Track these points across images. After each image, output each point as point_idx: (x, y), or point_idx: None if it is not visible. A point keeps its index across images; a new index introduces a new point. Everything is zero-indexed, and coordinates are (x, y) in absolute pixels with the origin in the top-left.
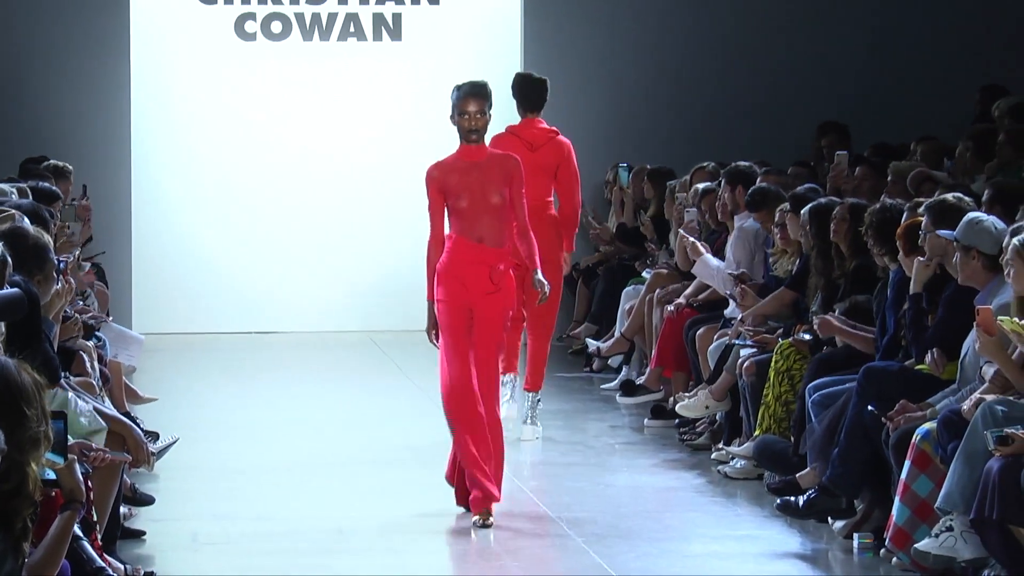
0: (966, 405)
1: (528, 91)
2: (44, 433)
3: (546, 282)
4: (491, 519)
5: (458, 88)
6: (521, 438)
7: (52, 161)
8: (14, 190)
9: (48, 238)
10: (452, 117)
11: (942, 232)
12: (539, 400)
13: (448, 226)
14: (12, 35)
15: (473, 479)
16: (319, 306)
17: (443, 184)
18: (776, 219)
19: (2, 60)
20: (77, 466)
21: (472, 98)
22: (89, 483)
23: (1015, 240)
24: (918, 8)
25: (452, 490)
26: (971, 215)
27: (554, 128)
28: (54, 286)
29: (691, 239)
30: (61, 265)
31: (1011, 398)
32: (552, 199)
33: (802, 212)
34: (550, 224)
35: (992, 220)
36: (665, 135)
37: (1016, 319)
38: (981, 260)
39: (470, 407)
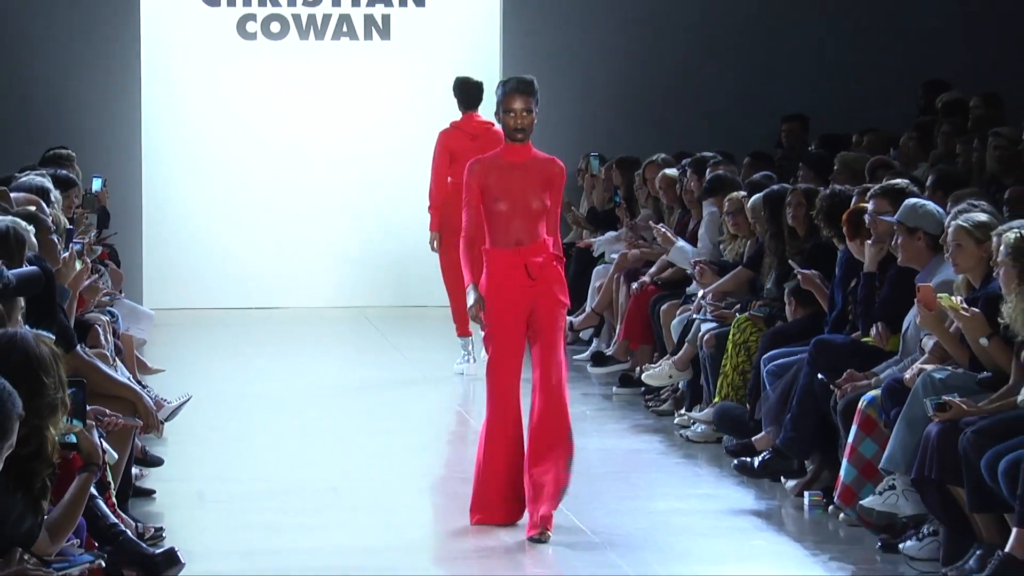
0: (908, 374)
1: (468, 91)
2: (61, 400)
3: None
4: (546, 534)
5: (503, 84)
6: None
7: (56, 149)
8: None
9: (47, 215)
10: (497, 114)
11: (888, 218)
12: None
13: (486, 237)
14: (32, 35)
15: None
16: (315, 284)
17: (483, 181)
18: (727, 208)
19: (23, 58)
20: (95, 431)
21: (518, 95)
22: (104, 446)
23: (1008, 236)
24: (866, 9)
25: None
26: (912, 200)
27: (490, 121)
28: (60, 255)
29: (663, 229)
30: (77, 247)
31: (949, 368)
32: None
33: (755, 198)
34: None
35: (932, 204)
36: (633, 126)
37: (953, 296)
38: (924, 241)
39: (504, 458)
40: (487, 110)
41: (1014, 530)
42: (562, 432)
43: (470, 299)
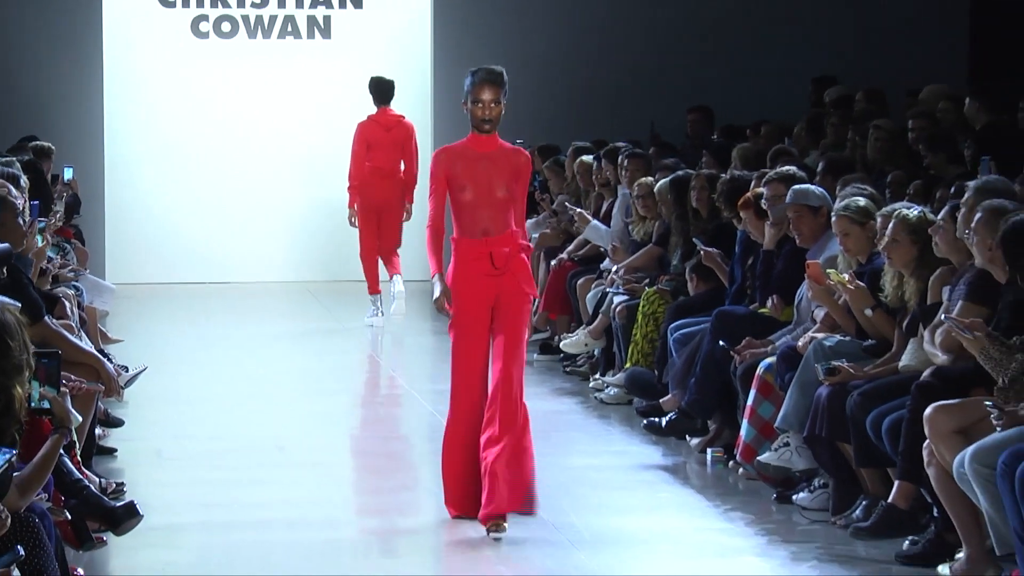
0: (800, 342)
1: (381, 89)
2: (26, 361)
3: None
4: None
5: (472, 74)
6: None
7: (38, 142)
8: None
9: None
10: (464, 104)
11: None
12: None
13: (453, 227)
14: (3, 37)
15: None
16: (263, 260)
17: (449, 171)
18: (637, 191)
19: None
20: (69, 398)
21: (487, 86)
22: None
23: (909, 215)
24: (763, 12)
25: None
26: (802, 186)
27: (401, 115)
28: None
29: (579, 210)
30: (42, 225)
31: (837, 336)
32: (400, 165)
33: (661, 182)
34: (398, 183)
35: (819, 188)
36: (552, 117)
37: (839, 272)
38: (809, 222)
39: (466, 449)
40: (398, 105)
41: (896, 483)
42: (516, 424)
43: (436, 290)
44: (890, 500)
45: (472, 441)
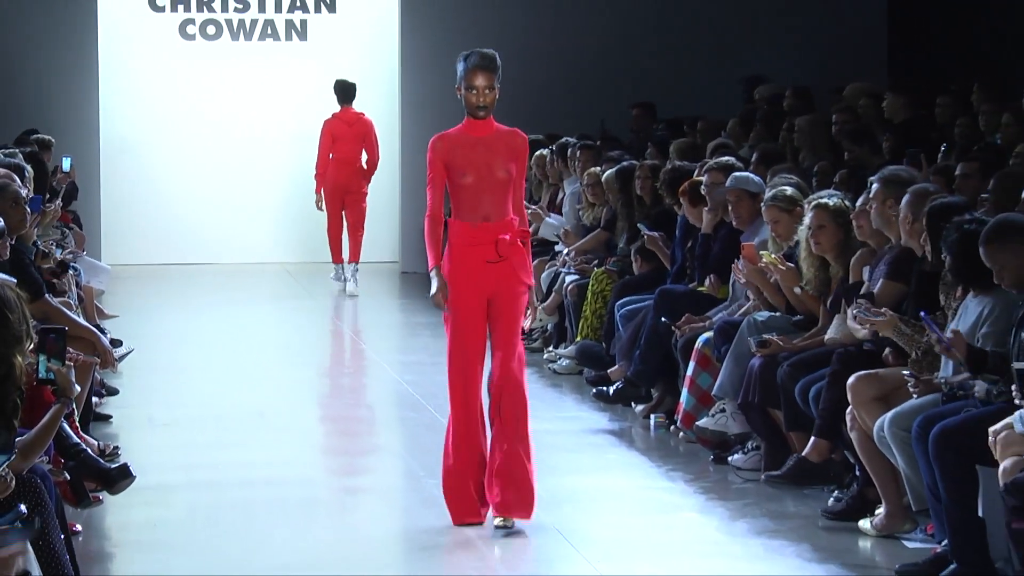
0: (735, 317)
1: (344, 90)
2: (26, 331)
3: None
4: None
5: (465, 59)
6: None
7: (39, 135)
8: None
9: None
10: (458, 89)
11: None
12: (357, 268)
13: (450, 210)
14: (10, 41)
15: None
16: (246, 243)
17: (447, 158)
18: (586, 180)
19: (2, 60)
20: (73, 372)
21: (480, 72)
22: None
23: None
24: (700, 11)
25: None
26: (742, 173)
27: (361, 112)
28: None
29: (533, 208)
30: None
31: (769, 312)
32: (361, 155)
33: (608, 172)
34: (359, 171)
35: (756, 176)
36: (511, 111)
37: (771, 253)
38: (747, 206)
39: (471, 441)
40: (368, 99)
41: (812, 439)
42: (520, 421)
43: (433, 285)
44: (804, 453)
45: (475, 433)
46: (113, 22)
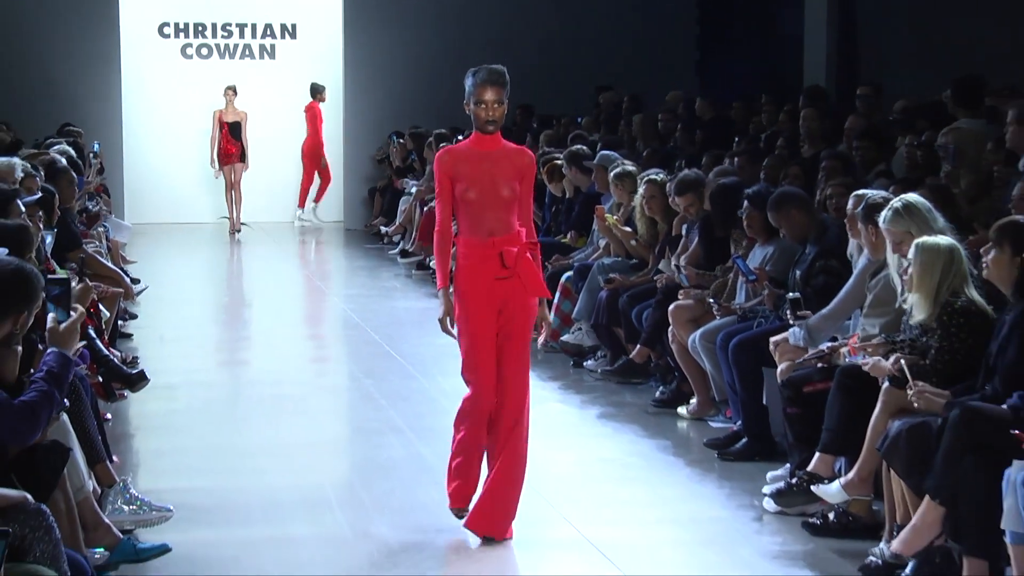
0: (589, 261)
1: (314, 89)
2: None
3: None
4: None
5: (473, 74)
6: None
7: (71, 126)
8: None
9: (64, 162)
10: (466, 104)
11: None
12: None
13: (456, 227)
14: (52, 53)
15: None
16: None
17: (453, 171)
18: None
19: (39, 65)
20: (79, 311)
21: (489, 86)
22: (100, 305)
23: (655, 179)
24: (572, 27)
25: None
26: (607, 152)
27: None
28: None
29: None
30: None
31: (615, 257)
32: (321, 133)
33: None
34: (320, 143)
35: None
36: (421, 109)
37: (614, 216)
38: (605, 177)
39: (479, 438)
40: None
41: (637, 346)
42: (520, 439)
43: (441, 309)
44: (631, 356)
45: (483, 439)
46: (131, 45)
